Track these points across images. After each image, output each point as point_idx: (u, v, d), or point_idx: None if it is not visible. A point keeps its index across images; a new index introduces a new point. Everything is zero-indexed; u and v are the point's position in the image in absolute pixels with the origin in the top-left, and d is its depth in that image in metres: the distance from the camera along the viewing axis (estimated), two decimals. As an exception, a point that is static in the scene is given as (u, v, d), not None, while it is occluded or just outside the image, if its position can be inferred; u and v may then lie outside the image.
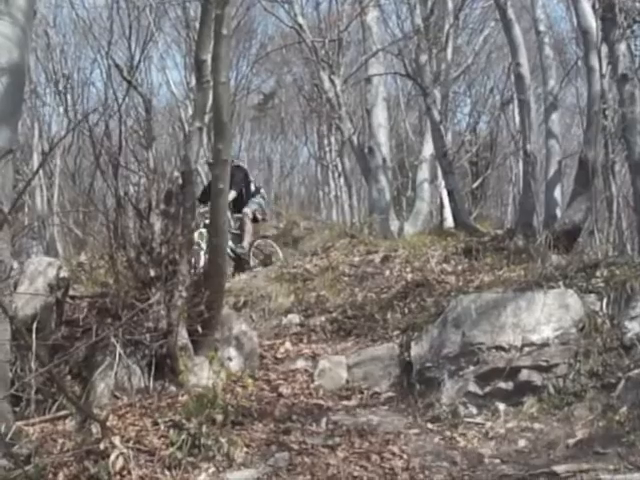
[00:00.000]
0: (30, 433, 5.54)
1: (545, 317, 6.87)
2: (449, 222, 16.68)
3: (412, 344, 7.53)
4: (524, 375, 6.56)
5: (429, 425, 6.42)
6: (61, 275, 6.90)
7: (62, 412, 5.94)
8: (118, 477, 4.96)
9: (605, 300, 7.03)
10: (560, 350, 6.64)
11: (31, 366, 5.83)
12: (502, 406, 6.50)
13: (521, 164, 16.87)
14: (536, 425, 6.14)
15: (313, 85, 24.00)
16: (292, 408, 6.66)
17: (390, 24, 21.27)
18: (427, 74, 15.75)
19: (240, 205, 12.50)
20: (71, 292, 7.24)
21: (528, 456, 5.69)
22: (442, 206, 18.64)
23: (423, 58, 15.76)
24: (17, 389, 5.70)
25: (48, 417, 5.91)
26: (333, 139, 28.59)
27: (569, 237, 10.13)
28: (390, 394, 7.23)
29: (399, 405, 6.98)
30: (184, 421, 5.57)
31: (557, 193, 12.68)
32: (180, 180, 7.06)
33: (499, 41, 22.58)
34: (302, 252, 12.36)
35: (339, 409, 6.81)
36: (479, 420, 6.42)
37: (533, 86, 14.09)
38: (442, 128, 15.13)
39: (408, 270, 10.06)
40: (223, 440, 5.54)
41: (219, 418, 5.82)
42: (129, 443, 5.30)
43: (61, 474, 5.01)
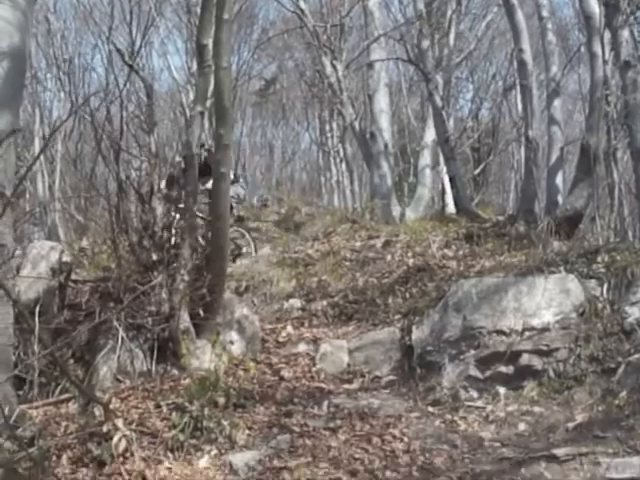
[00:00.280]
0: (34, 416, 5.59)
1: (546, 302, 6.88)
2: (451, 208, 16.69)
3: (413, 328, 7.55)
4: (524, 359, 6.58)
5: (430, 408, 6.44)
6: (63, 259, 6.93)
7: (65, 395, 5.99)
8: (121, 459, 4.99)
9: (606, 285, 7.05)
10: (561, 335, 6.65)
11: (34, 349, 5.87)
12: (502, 390, 6.52)
13: (523, 150, 16.94)
14: (536, 409, 6.16)
15: (315, 71, 23.94)
16: (294, 391, 6.69)
17: (392, 9, 21.44)
18: (429, 60, 15.75)
19: None
20: (73, 276, 7.27)
21: (528, 439, 5.72)
22: (444, 192, 18.64)
23: (425, 44, 15.75)
24: (20, 372, 5.73)
25: (51, 400, 5.96)
26: (335, 125, 28.56)
27: (570, 223, 10.13)
28: (391, 378, 7.25)
29: (400, 389, 7.01)
30: (186, 404, 5.61)
31: (559, 179, 12.68)
32: (182, 164, 7.08)
33: (502, 27, 22.53)
34: (303, 237, 12.36)
35: (340, 392, 6.83)
36: (480, 404, 6.44)
37: (536, 72, 14.11)
38: (444, 114, 15.13)
39: (409, 255, 10.09)
40: (225, 422, 5.58)
41: (221, 401, 5.86)
42: (132, 426, 5.34)
43: (65, 456, 5.05)
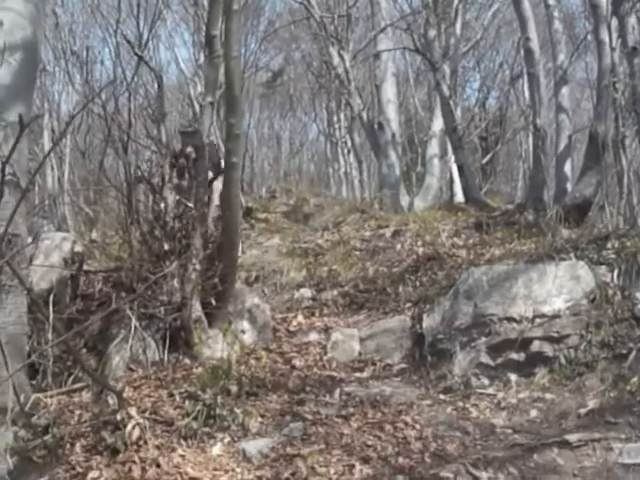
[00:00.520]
0: (48, 404, 5.62)
1: (556, 289, 6.89)
2: (459, 197, 16.68)
3: (424, 316, 7.58)
4: (535, 346, 6.60)
5: (441, 396, 6.48)
6: (76, 250, 6.97)
7: (79, 384, 6.03)
8: (135, 447, 5.02)
9: (616, 271, 7.05)
10: (571, 321, 6.67)
11: (48, 338, 5.90)
12: (514, 377, 6.55)
13: (531, 139, 16.89)
14: (548, 395, 6.19)
15: (322, 61, 23.84)
16: (306, 380, 6.73)
17: (398, -1, 21.17)
18: (436, 49, 15.72)
19: None
20: (85, 267, 7.30)
21: (540, 426, 5.75)
22: (452, 181, 18.61)
23: (432, 33, 15.71)
24: (34, 361, 5.76)
25: (65, 389, 6.00)
26: (342, 115, 28.46)
27: (579, 211, 10.13)
28: (402, 366, 7.29)
29: (411, 377, 7.05)
30: (199, 392, 5.65)
31: (567, 167, 12.68)
32: (193, 154, 7.09)
33: (508, 16, 22.42)
34: (313, 228, 12.36)
35: (352, 380, 6.87)
36: (491, 391, 6.47)
37: (543, 60, 14.04)
38: (451, 103, 15.10)
39: (419, 244, 10.11)
40: (238, 410, 5.62)
41: (234, 389, 5.90)
42: (145, 414, 5.38)
43: (78, 444, 5.09)
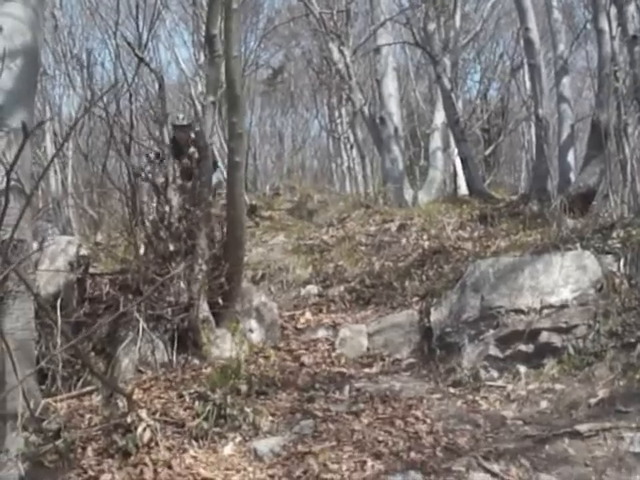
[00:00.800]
0: (58, 409, 5.62)
1: (563, 279, 6.89)
2: (463, 190, 16.66)
3: (431, 310, 7.58)
4: (544, 337, 6.58)
5: (451, 389, 6.48)
6: (81, 253, 6.96)
7: (88, 388, 6.02)
8: (146, 449, 5.04)
9: (622, 260, 7.04)
10: (579, 311, 6.65)
11: (56, 342, 5.90)
12: (523, 368, 6.53)
13: (533, 129, 16.86)
14: (557, 386, 6.17)
15: (322, 57, 23.79)
16: (315, 377, 6.74)
17: (397, -7, 21.11)
18: (436, 42, 15.71)
19: None
20: (91, 270, 7.30)
21: (550, 417, 5.74)
22: (455, 174, 18.61)
23: (431, 26, 15.70)
24: (43, 366, 5.76)
25: (74, 393, 6.00)
26: (344, 111, 28.40)
27: (584, 200, 10.12)
28: (411, 360, 7.29)
29: (420, 371, 7.05)
30: (209, 392, 5.66)
31: (570, 157, 12.65)
32: (196, 155, 7.08)
33: (507, 6, 22.46)
34: (318, 224, 12.34)
35: (361, 376, 6.87)
36: (500, 383, 6.46)
37: (543, 50, 14.03)
38: (453, 96, 15.08)
39: (424, 238, 10.10)
40: (248, 410, 5.63)
41: (243, 388, 5.91)
42: (155, 416, 5.39)
43: (90, 448, 5.09)
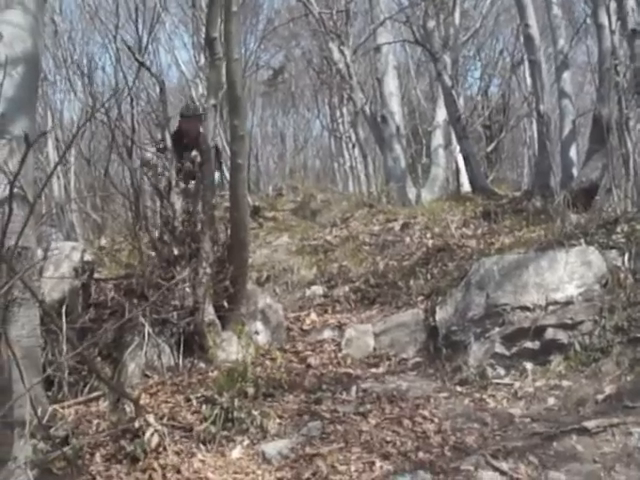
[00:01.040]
0: (65, 415, 5.61)
1: (568, 275, 6.87)
2: (466, 187, 16.66)
3: (437, 309, 7.56)
4: (550, 334, 6.57)
5: (458, 388, 6.46)
6: (85, 258, 6.96)
7: (95, 394, 6.00)
8: (154, 454, 5.03)
9: (627, 255, 7.03)
10: (584, 307, 6.64)
11: (62, 348, 5.89)
12: (529, 365, 6.51)
13: (535, 125, 16.86)
14: (564, 383, 6.16)
15: (322, 57, 23.83)
16: (321, 378, 6.73)
17: (396, -8, 21.10)
18: (436, 40, 15.73)
19: None
20: (95, 275, 7.30)
21: (558, 413, 5.72)
22: (458, 171, 18.62)
23: (431, 24, 15.72)
24: (50, 373, 5.76)
25: (81, 399, 5.98)
26: (345, 110, 28.43)
27: (587, 195, 10.12)
28: (417, 359, 7.28)
29: (427, 370, 7.03)
30: (216, 396, 5.65)
31: (573, 152, 12.66)
32: (198, 158, 7.09)
33: (506, 3, 22.47)
34: (321, 224, 12.34)
35: (368, 377, 6.86)
36: (507, 381, 6.44)
37: (543, 46, 14.04)
38: (454, 93, 15.10)
39: (428, 236, 10.10)
40: (256, 412, 5.62)
41: (250, 391, 5.89)
42: (163, 420, 5.39)
43: (98, 454, 5.09)
